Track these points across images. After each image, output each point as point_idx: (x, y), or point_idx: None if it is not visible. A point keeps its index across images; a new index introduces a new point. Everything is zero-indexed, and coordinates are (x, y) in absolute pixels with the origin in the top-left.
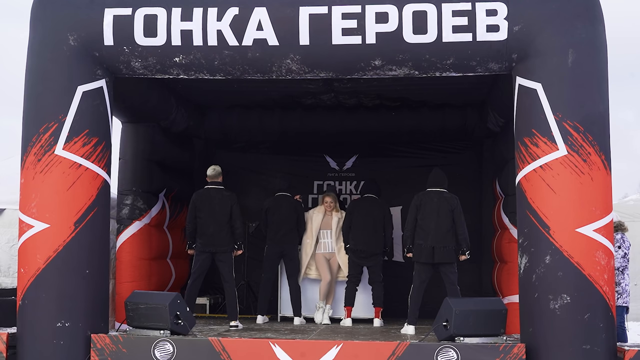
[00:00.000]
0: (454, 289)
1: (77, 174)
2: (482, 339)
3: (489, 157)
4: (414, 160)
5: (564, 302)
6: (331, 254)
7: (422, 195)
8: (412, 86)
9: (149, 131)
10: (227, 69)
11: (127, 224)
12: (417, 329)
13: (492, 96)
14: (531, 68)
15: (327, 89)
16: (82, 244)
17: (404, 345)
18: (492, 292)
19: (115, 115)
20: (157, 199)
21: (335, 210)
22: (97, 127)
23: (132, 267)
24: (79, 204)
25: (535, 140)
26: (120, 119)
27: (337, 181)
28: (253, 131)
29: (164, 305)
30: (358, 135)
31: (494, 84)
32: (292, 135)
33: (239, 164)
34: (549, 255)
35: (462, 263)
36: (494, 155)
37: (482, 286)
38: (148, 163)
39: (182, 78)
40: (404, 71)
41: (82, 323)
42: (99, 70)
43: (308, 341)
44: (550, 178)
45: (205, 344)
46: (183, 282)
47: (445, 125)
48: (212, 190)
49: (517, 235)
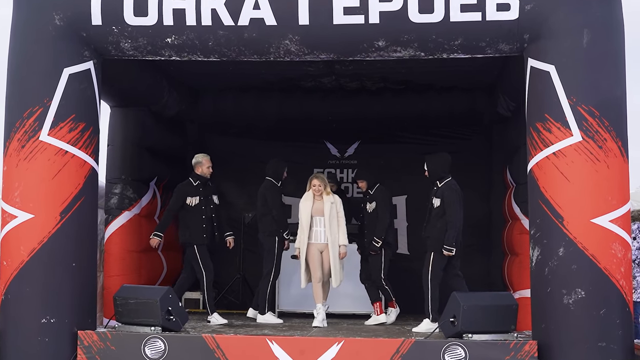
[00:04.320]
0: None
1: (63, 162)
2: (492, 336)
3: (499, 144)
4: (420, 147)
5: (579, 296)
6: (324, 245)
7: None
8: (418, 68)
9: (139, 116)
10: (222, 50)
11: (116, 214)
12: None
13: (503, 79)
14: (544, 49)
15: (327, 71)
16: (68, 235)
17: (409, 342)
18: (502, 286)
19: (103, 99)
20: (148, 187)
21: (326, 194)
22: (84, 111)
23: (121, 259)
24: (65, 193)
25: (548, 125)
26: (109, 103)
27: (338, 169)
28: (249, 116)
29: (154, 300)
30: (360, 121)
31: (504, 66)
32: (290, 120)
33: (234, 150)
34: (562, 247)
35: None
36: (504, 141)
37: (492, 280)
38: (138, 150)
39: (174, 60)
40: (409, 53)
41: (68, 319)
42: (87, 52)
43: (307, 338)
44: (564, 165)
45: (198, 341)
46: (175, 275)
47: (452, 110)
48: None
49: (528, 226)
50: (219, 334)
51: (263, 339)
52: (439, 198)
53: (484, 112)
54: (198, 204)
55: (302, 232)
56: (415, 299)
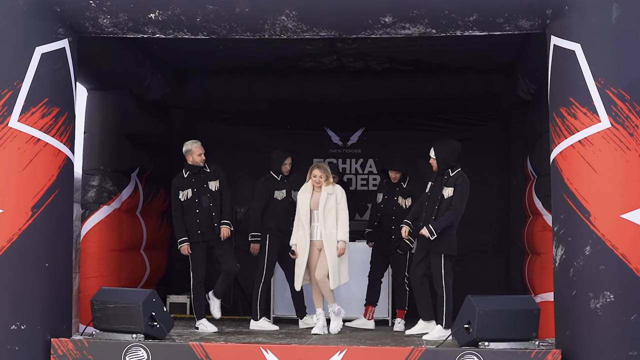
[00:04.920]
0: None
1: (35, 150)
2: (511, 344)
3: (519, 131)
4: (430, 134)
5: (607, 300)
6: (322, 241)
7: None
8: (429, 47)
9: (119, 100)
10: (212, 27)
11: (94, 209)
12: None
13: (523, 59)
14: (568, 26)
15: (328, 50)
16: (40, 232)
17: (419, 351)
18: (522, 289)
19: (79, 82)
20: (129, 179)
21: (327, 184)
22: (58, 95)
23: (100, 259)
24: (37, 185)
25: (573, 110)
26: (86, 85)
27: (341, 158)
28: (241, 100)
29: (136, 305)
30: (365, 105)
31: (524, 44)
32: (287, 104)
33: (225, 138)
34: (589, 245)
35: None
36: (524, 128)
37: (511, 282)
38: (118, 137)
39: (158, 38)
40: (419, 30)
41: (40, 325)
42: (61, 29)
43: (306, 346)
44: (591, 155)
45: (185, 349)
46: (159, 277)
47: (467, 93)
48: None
49: (551, 223)
50: (207, 342)
51: (257, 348)
52: (450, 187)
53: (501, 95)
54: (191, 197)
55: (299, 227)
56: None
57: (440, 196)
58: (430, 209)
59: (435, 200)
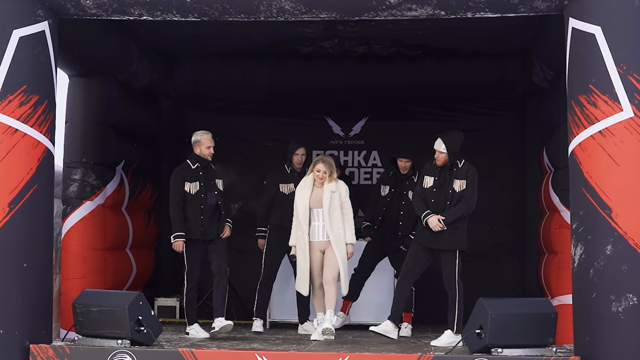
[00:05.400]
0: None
1: (12, 142)
2: (526, 351)
3: (534, 120)
4: (439, 125)
5: (630, 303)
6: (325, 243)
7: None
8: (437, 30)
9: (103, 87)
10: (203, 9)
11: (76, 205)
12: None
13: (539, 43)
14: (588, 7)
15: (329, 34)
16: (18, 230)
17: (427, 358)
18: (538, 291)
19: (60, 68)
20: (114, 173)
21: (329, 181)
22: (37, 82)
23: (82, 259)
24: (14, 179)
25: (593, 98)
26: (67, 71)
27: (342, 150)
28: (235, 87)
29: (122, 308)
30: (368, 93)
31: (540, 27)
32: (284, 92)
33: (217, 128)
34: (610, 244)
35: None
36: (540, 117)
37: (526, 284)
38: (102, 128)
39: (145, 20)
40: (427, 11)
41: (18, 330)
42: (40, 10)
43: (304, 353)
44: (612, 146)
45: (174, 356)
46: (146, 278)
47: (478, 80)
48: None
49: (570, 220)
50: (198, 349)
51: (252, 355)
52: (461, 179)
53: (515, 82)
54: (198, 191)
55: (298, 227)
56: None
57: (450, 190)
58: (440, 205)
59: (444, 194)
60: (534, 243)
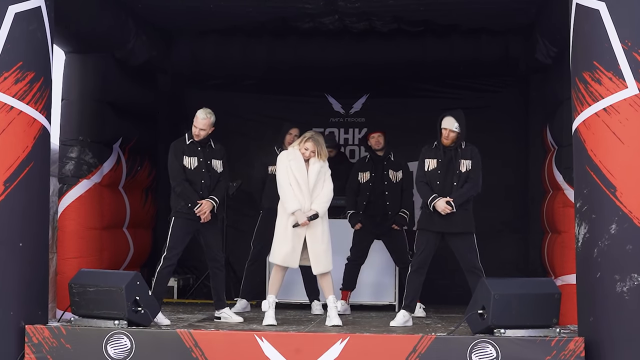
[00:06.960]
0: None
1: (8, 119)
2: (529, 332)
3: (538, 98)
4: (441, 102)
5: (634, 283)
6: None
7: None
8: (439, 6)
9: (100, 64)
10: None
11: (72, 184)
12: (446, 317)
13: (542, 19)
14: None
15: (329, 9)
16: (13, 209)
17: (428, 339)
18: (541, 271)
19: (56, 44)
20: (111, 151)
21: (317, 158)
22: (33, 58)
23: (79, 238)
24: (10, 157)
25: (597, 75)
26: (64, 48)
27: (342, 128)
28: (234, 64)
29: (119, 288)
30: (369, 70)
31: (544, 3)
32: (284, 69)
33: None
34: (614, 223)
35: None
36: (544, 95)
37: (529, 263)
38: (99, 105)
39: None
40: None
41: (13, 311)
42: None
43: (304, 334)
44: (617, 124)
45: (172, 337)
46: (144, 258)
47: (481, 56)
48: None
49: (573, 198)
50: (197, 329)
51: (251, 335)
52: (468, 160)
53: (518, 59)
54: (197, 166)
55: (298, 197)
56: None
57: (457, 171)
58: (446, 187)
59: (450, 176)
60: (537, 222)
